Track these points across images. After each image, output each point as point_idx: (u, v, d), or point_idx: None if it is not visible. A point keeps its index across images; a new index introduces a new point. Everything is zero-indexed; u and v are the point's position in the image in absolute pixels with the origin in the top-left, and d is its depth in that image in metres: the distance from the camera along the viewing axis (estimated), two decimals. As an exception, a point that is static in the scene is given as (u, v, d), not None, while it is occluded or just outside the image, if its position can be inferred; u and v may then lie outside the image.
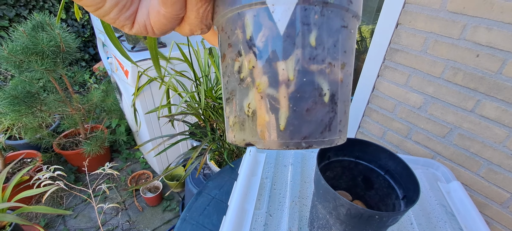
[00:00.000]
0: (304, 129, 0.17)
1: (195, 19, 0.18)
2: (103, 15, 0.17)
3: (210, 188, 0.98)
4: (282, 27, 0.16)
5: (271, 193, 0.64)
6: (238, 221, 0.56)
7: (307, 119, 0.17)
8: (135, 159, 2.04)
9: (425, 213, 0.61)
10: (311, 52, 0.16)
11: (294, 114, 0.17)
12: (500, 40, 0.74)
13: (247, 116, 0.18)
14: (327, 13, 0.16)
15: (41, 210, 1.27)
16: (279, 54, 0.16)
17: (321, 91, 0.17)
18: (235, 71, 0.18)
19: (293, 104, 0.17)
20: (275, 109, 0.17)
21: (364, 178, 0.56)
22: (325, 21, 0.16)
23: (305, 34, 0.16)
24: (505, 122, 0.79)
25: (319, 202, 0.48)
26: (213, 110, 1.28)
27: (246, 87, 0.18)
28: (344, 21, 0.17)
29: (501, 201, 0.86)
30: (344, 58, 0.18)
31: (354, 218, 0.41)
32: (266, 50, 0.17)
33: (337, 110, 0.18)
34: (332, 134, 0.18)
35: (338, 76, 0.18)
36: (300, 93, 0.17)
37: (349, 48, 0.18)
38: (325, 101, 0.17)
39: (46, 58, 1.40)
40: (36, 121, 1.65)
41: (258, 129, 0.18)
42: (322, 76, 0.17)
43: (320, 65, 0.17)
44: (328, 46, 0.17)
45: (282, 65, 0.17)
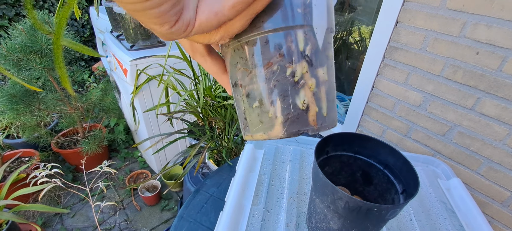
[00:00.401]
0: (333, 114, 0.24)
1: (238, 28, 0.18)
2: (151, 8, 0.14)
3: (208, 185, 0.97)
4: (320, 42, 0.22)
5: (269, 189, 0.63)
6: (235, 217, 0.55)
7: (333, 106, 0.25)
8: (134, 158, 2.03)
9: (425, 210, 0.61)
10: (331, 62, 0.23)
11: (329, 104, 0.24)
12: (500, 37, 0.74)
13: (302, 110, 0.23)
14: (331, 36, 0.23)
15: (38, 208, 1.26)
16: (320, 63, 0.22)
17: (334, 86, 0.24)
18: (288, 75, 0.23)
19: (327, 97, 0.23)
20: (320, 102, 0.23)
21: (363, 173, 0.55)
22: (331, 41, 0.23)
23: (329, 48, 0.23)
24: (505, 120, 0.78)
25: (317, 196, 0.47)
26: (212, 108, 1.27)
27: (301, 87, 0.23)
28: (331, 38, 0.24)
29: (501, 200, 0.85)
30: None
31: (352, 212, 0.41)
32: (313, 59, 0.22)
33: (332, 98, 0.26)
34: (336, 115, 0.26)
35: None
36: (330, 89, 0.24)
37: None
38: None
39: (45, 57, 1.39)
40: (34, 120, 1.65)
41: (310, 118, 0.23)
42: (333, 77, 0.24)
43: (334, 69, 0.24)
44: (331, 56, 0.24)
45: (322, 70, 0.23)
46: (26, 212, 1.62)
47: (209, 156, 1.42)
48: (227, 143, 1.32)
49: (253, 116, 0.25)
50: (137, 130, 1.63)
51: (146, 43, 1.42)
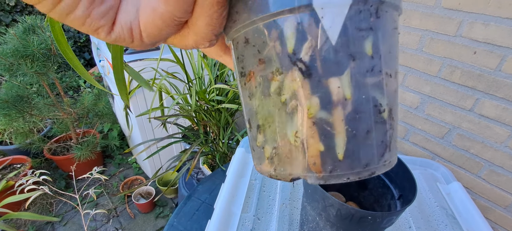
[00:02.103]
0: (363, 155, 0.15)
1: (205, 27, 0.14)
2: (67, 15, 0.12)
3: (200, 192, 0.93)
4: (334, 35, 0.13)
5: (260, 196, 0.60)
6: (224, 225, 0.52)
7: (368, 143, 0.14)
8: (128, 165, 1.99)
9: (424, 216, 0.58)
10: (368, 63, 0.14)
11: (354, 139, 0.14)
12: (498, 36, 0.71)
13: (293, 146, 0.15)
14: (383, 14, 0.13)
15: (27, 216, 1.22)
16: (332, 69, 0.13)
17: (380, 107, 0.14)
18: (273, 92, 0.15)
19: (351, 127, 0.14)
20: (331, 136, 0.14)
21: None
22: (381, 24, 0.13)
23: (361, 42, 0.13)
24: (506, 121, 0.75)
25: (308, 203, 0.44)
26: (206, 112, 1.25)
27: (291, 111, 0.15)
28: (396, 22, 0.14)
29: (505, 205, 0.82)
30: (396, 64, 0.15)
31: (345, 220, 0.38)
32: (314, 65, 0.13)
33: (394, 126, 0.15)
34: (392, 154, 0.15)
35: (395, 86, 0.15)
36: (359, 113, 0.14)
37: (397, 51, 0.15)
38: (384, 118, 0.15)
39: (36, 61, 1.37)
40: (27, 126, 1.62)
41: (309, 160, 0.15)
42: (380, 90, 0.14)
43: (378, 77, 0.14)
44: (384, 54, 0.14)
45: (337, 82, 0.13)
46: (17, 220, 1.58)
47: (203, 161, 1.39)
48: (221, 147, 1.29)
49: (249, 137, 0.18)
50: (130, 135, 1.60)
51: (140, 47, 1.40)
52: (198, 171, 1.45)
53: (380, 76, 0.14)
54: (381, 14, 0.13)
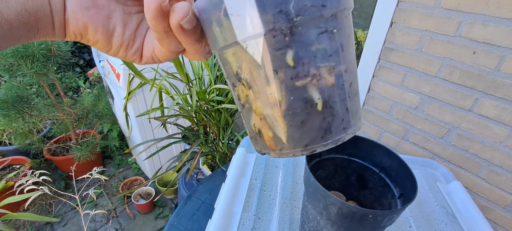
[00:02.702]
0: (304, 138, 0.19)
1: (194, 54, 0.20)
2: (115, 55, 0.20)
3: (200, 192, 0.93)
4: (259, 58, 0.17)
5: (260, 195, 0.60)
6: (224, 225, 0.52)
7: (305, 129, 0.19)
8: (128, 165, 1.99)
9: (425, 215, 0.58)
10: (292, 72, 0.17)
11: (292, 128, 0.19)
12: (497, 36, 0.72)
13: (256, 133, 0.21)
14: (298, 30, 0.16)
15: (26, 217, 1.22)
16: (263, 81, 0.18)
17: (312, 102, 0.18)
18: (236, 98, 0.21)
19: (288, 120, 0.19)
20: (275, 127, 0.20)
21: (358, 176, 0.52)
22: (297, 39, 0.17)
23: (281, 58, 0.17)
24: (505, 121, 0.76)
25: (309, 202, 0.44)
26: (206, 113, 1.25)
27: (248, 110, 0.20)
28: (321, 27, 0.17)
29: (504, 204, 0.82)
30: (332, 61, 0.18)
31: (346, 218, 0.38)
32: (252, 79, 0.18)
33: (334, 113, 0.19)
34: (334, 134, 0.19)
35: (328, 81, 0.18)
36: (291, 110, 0.18)
37: (336, 47, 0.18)
38: (318, 109, 0.18)
39: (36, 62, 1.37)
40: (26, 126, 1.61)
41: (266, 142, 0.21)
42: (309, 89, 0.18)
43: (304, 80, 0.18)
44: (308, 60, 0.17)
45: (269, 90, 0.18)
46: (16, 221, 1.58)
47: (203, 161, 1.39)
48: (221, 147, 1.29)
49: None
50: (130, 135, 1.60)
51: (140, 47, 1.40)
52: (198, 172, 1.45)
53: (306, 79, 0.17)
54: (296, 31, 0.16)
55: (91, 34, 0.18)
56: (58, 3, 0.16)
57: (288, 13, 0.16)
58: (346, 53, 0.19)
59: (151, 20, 0.16)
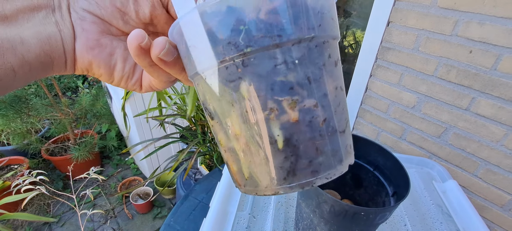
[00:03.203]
0: (265, 178, 0.18)
1: (186, 81, 0.21)
2: (117, 85, 0.22)
3: (197, 191, 0.93)
4: (216, 89, 0.17)
5: (256, 194, 0.60)
6: (219, 223, 0.52)
7: (266, 169, 0.17)
8: (126, 165, 1.99)
9: (420, 214, 0.57)
10: (247, 105, 0.16)
11: (252, 166, 0.18)
12: (493, 35, 0.72)
13: (227, 164, 0.20)
14: (250, 62, 0.16)
15: (24, 217, 1.22)
16: (224, 113, 0.17)
17: (271, 139, 0.17)
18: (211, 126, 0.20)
19: (247, 157, 0.18)
20: (238, 161, 0.19)
21: (353, 175, 0.52)
22: (250, 71, 0.16)
23: (235, 90, 0.16)
24: (501, 120, 0.76)
25: (302, 200, 0.44)
26: (204, 113, 1.25)
27: (216, 141, 0.20)
28: (277, 58, 0.16)
29: (501, 203, 0.82)
30: (294, 94, 0.16)
31: (338, 216, 0.38)
32: (214, 110, 0.18)
33: (299, 153, 0.17)
34: (299, 177, 0.17)
35: (289, 117, 0.17)
36: (248, 146, 0.17)
37: (299, 79, 0.16)
38: (278, 148, 0.17)
39: (34, 61, 1.37)
40: (24, 126, 1.61)
41: (233, 177, 0.20)
42: (265, 125, 0.17)
43: (260, 114, 0.16)
44: (264, 92, 0.16)
45: (229, 121, 0.17)
46: (14, 221, 1.58)
47: (201, 161, 1.39)
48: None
49: None
50: (128, 135, 1.60)
51: (138, 47, 1.40)
52: (196, 172, 1.45)
53: (263, 113, 0.16)
54: (248, 62, 0.16)
55: (95, 69, 0.20)
56: (69, 44, 0.19)
57: (237, 45, 0.15)
58: (317, 87, 0.17)
59: (135, 57, 0.18)
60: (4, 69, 0.16)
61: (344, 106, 0.19)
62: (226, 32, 0.15)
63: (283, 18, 0.15)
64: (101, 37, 0.20)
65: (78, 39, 0.19)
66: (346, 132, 0.19)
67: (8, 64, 0.16)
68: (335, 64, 0.18)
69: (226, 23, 0.15)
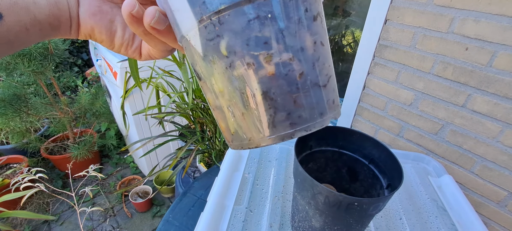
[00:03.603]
0: (247, 132, 0.19)
1: (181, 49, 0.22)
2: (118, 52, 0.24)
3: (195, 188, 0.94)
4: (199, 49, 0.18)
5: (253, 189, 0.61)
6: (216, 217, 0.53)
7: (247, 122, 0.18)
8: (126, 164, 1.99)
9: (415, 208, 0.58)
10: (226, 62, 0.17)
11: (235, 120, 0.19)
12: (489, 32, 0.72)
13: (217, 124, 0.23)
14: (225, 19, 0.16)
15: (23, 215, 1.22)
16: (207, 73, 0.18)
17: (249, 94, 0.18)
18: None
19: (231, 112, 0.19)
20: (224, 118, 0.20)
21: (348, 169, 0.53)
22: (226, 28, 0.16)
23: (215, 48, 0.17)
24: (497, 116, 0.76)
25: (298, 192, 0.45)
26: (203, 110, 1.25)
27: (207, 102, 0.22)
28: (251, 13, 0.16)
29: (498, 200, 0.82)
30: (268, 48, 0.17)
31: (333, 207, 0.38)
32: (200, 71, 0.19)
33: (277, 106, 0.18)
34: (278, 129, 0.18)
35: (266, 71, 0.17)
36: (231, 101, 0.18)
37: (273, 33, 0.16)
38: (257, 102, 0.18)
39: (33, 60, 1.38)
40: (24, 125, 1.62)
41: (223, 134, 0.21)
42: (244, 79, 0.17)
43: (239, 70, 0.17)
44: (240, 48, 0.17)
45: (212, 80, 0.18)
46: (13, 219, 1.58)
47: (200, 159, 1.39)
48: (218, 145, 1.29)
49: None
50: (127, 134, 1.61)
51: (137, 46, 1.40)
52: (195, 170, 1.45)
53: (240, 68, 0.17)
54: (224, 20, 0.16)
55: (97, 35, 0.22)
56: (74, 10, 0.21)
57: (212, 2, 0.16)
58: (292, 41, 0.17)
59: (129, 25, 0.19)
60: (19, 26, 0.18)
61: (325, 61, 0.19)
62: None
63: None
64: (102, 4, 0.21)
65: (81, 5, 0.21)
66: (328, 86, 0.19)
67: (22, 22, 0.18)
68: (314, 19, 0.18)
69: None
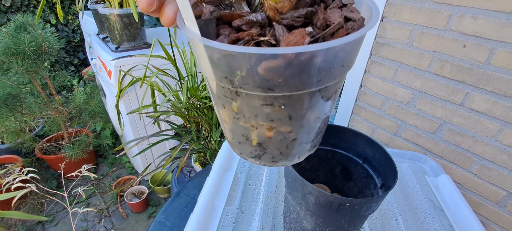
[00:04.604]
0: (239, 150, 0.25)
1: None
2: None
3: (189, 188, 0.92)
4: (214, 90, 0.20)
5: (245, 189, 0.59)
6: (206, 218, 0.51)
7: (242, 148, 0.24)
8: (121, 164, 1.97)
9: (412, 208, 0.56)
10: (235, 115, 0.20)
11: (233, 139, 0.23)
12: (487, 29, 0.71)
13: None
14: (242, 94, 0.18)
15: (16, 215, 1.20)
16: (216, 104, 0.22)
17: (249, 137, 0.21)
18: None
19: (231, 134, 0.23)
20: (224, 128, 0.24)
21: (342, 168, 0.51)
22: (241, 98, 0.18)
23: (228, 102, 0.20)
24: (496, 115, 0.75)
25: (289, 192, 0.43)
26: (198, 110, 1.23)
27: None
28: (267, 101, 0.18)
29: (497, 200, 0.81)
30: (273, 123, 0.19)
31: (323, 208, 0.37)
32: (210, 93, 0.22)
33: (266, 151, 0.22)
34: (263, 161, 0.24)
35: (266, 134, 0.20)
36: (233, 132, 0.23)
37: (282, 116, 0.19)
38: (252, 144, 0.22)
39: (27, 59, 1.36)
40: (18, 125, 1.60)
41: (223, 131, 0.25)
42: (248, 129, 0.21)
43: (244, 124, 0.20)
44: (249, 115, 0.19)
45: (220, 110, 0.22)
46: (8, 220, 1.56)
47: (195, 159, 1.38)
48: (213, 145, 1.27)
49: None
50: (122, 133, 1.59)
51: (132, 44, 1.39)
52: (191, 170, 1.44)
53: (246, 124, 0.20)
54: (240, 93, 0.18)
55: None
56: None
57: (232, 82, 0.17)
58: (296, 121, 0.19)
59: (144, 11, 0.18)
60: None
61: (322, 127, 0.22)
62: (223, 70, 0.16)
63: (278, 77, 0.15)
64: None
65: None
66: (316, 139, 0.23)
67: None
68: (327, 100, 0.19)
69: (225, 63, 0.16)
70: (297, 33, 0.15)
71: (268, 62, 0.15)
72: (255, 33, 0.16)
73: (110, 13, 1.27)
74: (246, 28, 0.16)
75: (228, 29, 0.17)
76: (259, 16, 0.16)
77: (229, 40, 0.16)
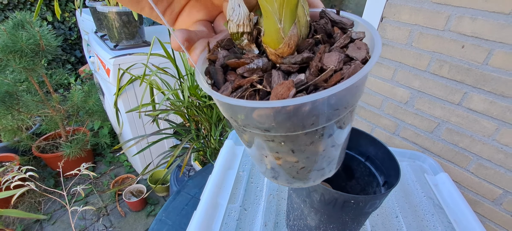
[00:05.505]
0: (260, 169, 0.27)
1: None
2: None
3: (190, 186, 0.92)
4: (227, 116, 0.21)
5: (247, 187, 0.59)
6: (209, 216, 0.51)
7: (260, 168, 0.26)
8: (120, 163, 1.96)
9: (411, 206, 0.57)
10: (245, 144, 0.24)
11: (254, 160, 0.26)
12: (485, 30, 0.72)
13: None
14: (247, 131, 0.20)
15: (13, 213, 1.19)
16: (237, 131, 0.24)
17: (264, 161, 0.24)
18: None
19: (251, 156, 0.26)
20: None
21: (345, 167, 0.52)
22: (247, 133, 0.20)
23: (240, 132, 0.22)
24: (493, 115, 0.76)
25: (293, 190, 0.44)
26: (197, 108, 1.23)
27: None
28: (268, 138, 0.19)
29: (493, 198, 0.82)
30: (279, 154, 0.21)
31: (328, 205, 0.37)
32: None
33: (279, 175, 0.25)
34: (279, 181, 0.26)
35: (276, 161, 0.22)
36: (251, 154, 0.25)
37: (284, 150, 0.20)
38: (267, 167, 0.24)
39: (25, 57, 1.34)
40: (15, 123, 1.58)
41: None
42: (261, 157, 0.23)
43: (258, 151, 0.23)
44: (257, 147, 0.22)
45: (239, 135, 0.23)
46: (6, 218, 1.55)
47: (195, 157, 1.38)
48: (213, 143, 1.27)
49: None
50: (121, 132, 1.58)
51: (130, 42, 1.38)
52: (190, 168, 1.44)
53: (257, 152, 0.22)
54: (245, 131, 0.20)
55: None
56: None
57: (236, 121, 0.19)
58: (301, 154, 0.20)
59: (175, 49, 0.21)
60: None
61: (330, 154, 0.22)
62: (228, 113, 0.19)
63: (271, 122, 0.17)
64: None
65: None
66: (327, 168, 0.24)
67: None
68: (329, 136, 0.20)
69: (228, 108, 0.18)
70: (284, 84, 0.16)
71: (260, 111, 0.17)
72: (255, 80, 0.18)
73: (109, 11, 1.26)
74: (247, 75, 0.18)
75: (234, 75, 0.19)
76: (260, 62, 0.18)
77: (232, 87, 0.18)
